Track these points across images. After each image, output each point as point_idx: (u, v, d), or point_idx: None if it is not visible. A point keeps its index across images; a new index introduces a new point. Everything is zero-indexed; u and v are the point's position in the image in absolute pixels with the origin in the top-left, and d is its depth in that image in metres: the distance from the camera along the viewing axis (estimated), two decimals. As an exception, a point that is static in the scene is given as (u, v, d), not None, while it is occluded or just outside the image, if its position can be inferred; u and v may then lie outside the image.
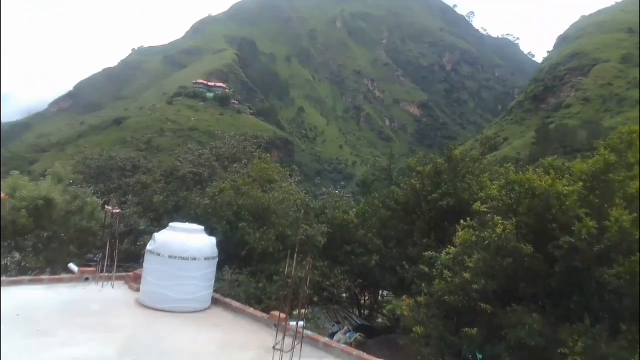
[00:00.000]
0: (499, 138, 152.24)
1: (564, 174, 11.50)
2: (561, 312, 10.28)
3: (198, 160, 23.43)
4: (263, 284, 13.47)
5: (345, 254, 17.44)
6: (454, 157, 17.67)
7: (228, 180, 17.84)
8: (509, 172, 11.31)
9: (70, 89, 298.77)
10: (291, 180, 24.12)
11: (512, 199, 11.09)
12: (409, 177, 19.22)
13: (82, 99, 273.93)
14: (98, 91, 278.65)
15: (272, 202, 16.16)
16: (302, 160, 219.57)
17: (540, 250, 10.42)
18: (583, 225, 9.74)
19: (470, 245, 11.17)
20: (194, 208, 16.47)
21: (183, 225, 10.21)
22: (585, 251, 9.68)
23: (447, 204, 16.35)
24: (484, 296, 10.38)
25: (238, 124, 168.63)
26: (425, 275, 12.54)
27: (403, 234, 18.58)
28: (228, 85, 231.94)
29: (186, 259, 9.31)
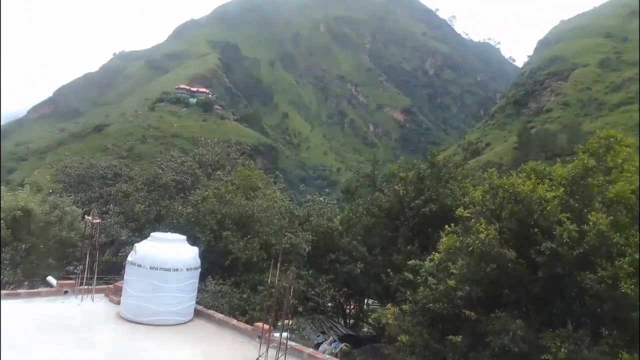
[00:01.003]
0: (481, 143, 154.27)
1: (544, 179, 11.62)
2: (544, 317, 10.37)
3: (181, 167, 23.18)
4: (247, 294, 13.32)
5: (330, 263, 17.37)
6: (437, 163, 17.78)
7: (211, 188, 17.66)
8: (493, 177, 11.38)
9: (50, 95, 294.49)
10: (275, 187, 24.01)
11: (496, 204, 11.18)
12: (393, 183, 19.29)
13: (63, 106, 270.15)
14: (79, 97, 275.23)
15: (256, 210, 16.04)
16: (286, 166, 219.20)
17: (523, 256, 10.50)
18: (564, 230, 9.85)
19: (454, 251, 11.21)
20: (177, 217, 16.25)
21: (165, 235, 10.03)
22: (566, 256, 9.79)
23: (430, 210, 16.42)
24: (469, 303, 10.41)
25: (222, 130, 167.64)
26: (410, 282, 12.54)
27: (387, 241, 18.61)
28: (211, 91, 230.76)
29: (168, 270, 9.15)
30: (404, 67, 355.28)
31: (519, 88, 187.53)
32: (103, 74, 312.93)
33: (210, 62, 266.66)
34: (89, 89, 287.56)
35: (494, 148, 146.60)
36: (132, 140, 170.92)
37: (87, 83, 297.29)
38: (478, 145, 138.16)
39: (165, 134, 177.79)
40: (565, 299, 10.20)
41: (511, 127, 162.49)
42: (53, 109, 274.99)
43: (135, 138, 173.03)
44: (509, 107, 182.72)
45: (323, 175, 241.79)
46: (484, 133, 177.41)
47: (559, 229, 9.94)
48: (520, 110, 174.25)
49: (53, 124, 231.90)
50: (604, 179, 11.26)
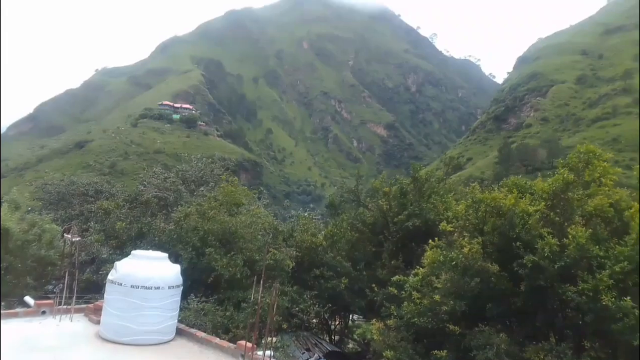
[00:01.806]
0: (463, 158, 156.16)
1: (526, 193, 11.80)
2: (527, 330, 10.43)
3: (163, 184, 22.98)
4: (231, 312, 13.13)
5: (314, 278, 17.26)
6: (419, 178, 17.91)
7: (194, 204, 17.52)
8: (475, 191, 11.51)
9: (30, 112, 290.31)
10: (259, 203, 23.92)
11: (478, 218, 11.29)
12: (376, 198, 19.37)
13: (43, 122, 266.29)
14: (60, 114, 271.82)
15: (240, 226, 15.92)
16: (271, 182, 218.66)
17: (506, 269, 10.59)
18: (546, 243, 9.98)
19: (438, 265, 11.25)
20: (159, 234, 16.04)
21: (146, 253, 9.89)
22: (548, 269, 9.89)
23: (413, 224, 16.49)
24: (453, 317, 10.43)
25: (205, 147, 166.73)
26: (395, 297, 12.53)
27: (372, 255, 18.60)
28: (195, 107, 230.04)
29: (149, 288, 9.00)
30: (386, 84, 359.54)
31: (499, 104, 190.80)
32: (85, 90, 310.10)
33: (193, 78, 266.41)
34: (71, 105, 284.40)
35: (476, 163, 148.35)
36: (114, 156, 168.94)
37: (68, 99, 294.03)
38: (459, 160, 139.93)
39: (148, 150, 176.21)
40: (548, 311, 10.28)
41: (492, 142, 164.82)
42: (33, 125, 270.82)
43: (118, 154, 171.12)
44: (489, 123, 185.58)
45: (307, 190, 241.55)
46: (465, 148, 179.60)
47: (540, 243, 10.07)
48: (501, 125, 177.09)
49: (33, 141, 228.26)
50: (582, 192, 11.47)
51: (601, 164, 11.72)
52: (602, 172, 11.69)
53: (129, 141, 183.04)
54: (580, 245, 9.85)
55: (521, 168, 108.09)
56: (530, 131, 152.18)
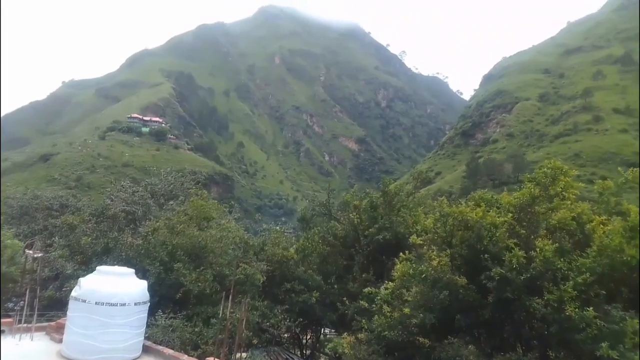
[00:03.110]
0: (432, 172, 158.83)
1: (492, 207, 12.07)
2: (495, 342, 10.58)
3: (132, 198, 22.52)
4: (200, 328, 12.86)
5: (285, 292, 17.12)
6: (389, 192, 18.11)
7: (163, 219, 17.21)
8: (443, 205, 11.71)
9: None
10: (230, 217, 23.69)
11: (446, 231, 11.48)
12: (347, 212, 19.46)
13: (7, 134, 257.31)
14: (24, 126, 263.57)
15: (210, 241, 15.71)
16: (242, 196, 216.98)
17: (474, 282, 10.77)
18: (513, 256, 10.20)
19: (408, 278, 11.35)
20: (126, 249, 15.65)
21: (111, 269, 9.64)
22: (515, 281, 10.11)
23: (384, 238, 16.61)
24: (423, 330, 10.51)
25: (175, 160, 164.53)
26: (366, 311, 12.54)
27: (343, 269, 18.62)
28: (165, 120, 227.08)
29: (114, 305, 8.76)
30: (357, 99, 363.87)
31: (466, 120, 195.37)
32: (51, 101, 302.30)
33: (164, 91, 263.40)
34: (36, 117, 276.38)
35: (444, 177, 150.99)
36: (80, 170, 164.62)
37: (33, 111, 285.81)
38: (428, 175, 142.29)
39: (116, 164, 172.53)
40: (515, 322, 10.47)
41: (460, 156, 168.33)
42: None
43: (84, 168, 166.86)
44: (457, 138, 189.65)
45: (279, 204, 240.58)
46: (434, 162, 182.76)
47: (508, 255, 10.29)
48: (468, 140, 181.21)
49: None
50: (547, 206, 11.81)
51: (565, 179, 12.11)
52: (565, 186, 12.09)
53: (97, 154, 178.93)
54: (547, 257, 10.11)
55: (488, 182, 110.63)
56: (496, 146, 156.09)
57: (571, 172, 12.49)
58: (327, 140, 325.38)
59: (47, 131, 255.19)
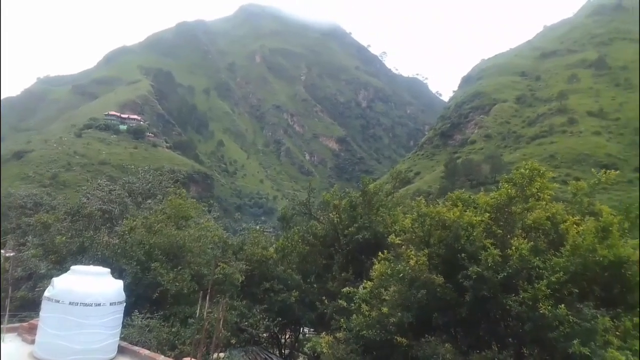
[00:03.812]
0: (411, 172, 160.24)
1: (469, 207, 12.24)
2: (471, 340, 10.73)
3: (108, 196, 22.19)
4: (177, 328, 12.73)
5: (264, 292, 17.06)
6: (368, 191, 18.20)
7: (140, 217, 16.98)
8: (420, 205, 11.83)
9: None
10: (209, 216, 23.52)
11: (424, 231, 11.59)
12: (327, 211, 19.49)
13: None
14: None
15: (188, 240, 15.57)
16: (222, 195, 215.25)
17: (451, 280, 10.90)
18: (489, 254, 10.36)
19: (386, 278, 11.42)
20: (102, 249, 15.39)
21: (86, 269, 9.44)
22: (491, 279, 10.27)
23: (363, 237, 16.69)
24: (401, 329, 10.59)
25: (153, 158, 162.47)
26: (344, 310, 12.58)
27: (322, 268, 18.64)
28: (143, 118, 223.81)
29: (89, 305, 8.58)
30: (338, 99, 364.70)
31: (445, 121, 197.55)
32: (25, 98, 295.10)
33: (142, 88, 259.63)
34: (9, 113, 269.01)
35: (424, 177, 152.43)
36: (55, 167, 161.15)
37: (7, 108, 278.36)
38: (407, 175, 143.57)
39: (92, 162, 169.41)
40: (491, 321, 10.63)
41: (439, 157, 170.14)
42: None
43: (60, 165, 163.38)
44: (436, 139, 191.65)
45: (259, 203, 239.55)
46: (414, 163, 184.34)
47: (484, 254, 10.45)
48: (447, 141, 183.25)
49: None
50: (523, 206, 12.03)
51: (541, 180, 12.35)
52: (541, 187, 12.33)
53: (72, 152, 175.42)
54: (522, 256, 10.30)
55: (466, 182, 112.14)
56: (474, 147, 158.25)
57: (548, 173, 12.74)
58: (307, 140, 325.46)
59: (21, 128, 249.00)
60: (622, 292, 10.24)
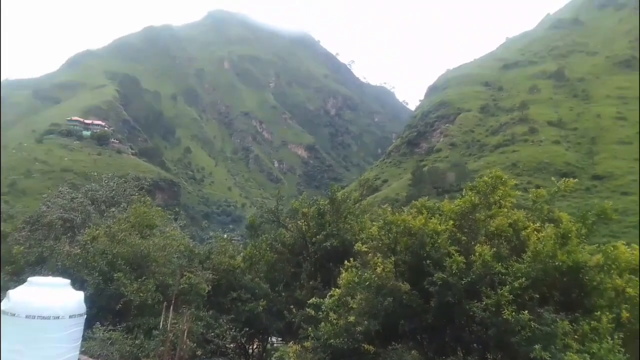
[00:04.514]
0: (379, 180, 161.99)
1: (434, 214, 12.46)
2: (437, 346, 10.88)
3: (70, 204, 21.51)
4: (141, 340, 12.41)
5: (231, 301, 16.85)
6: (336, 199, 18.28)
7: (103, 226, 16.54)
8: (387, 213, 11.96)
9: None
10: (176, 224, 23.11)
11: (390, 238, 11.71)
12: (296, 219, 19.47)
13: None
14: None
15: (152, 249, 15.25)
16: (189, 202, 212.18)
17: (417, 287, 11.04)
18: (453, 261, 10.56)
19: (353, 286, 11.47)
20: (62, 259, 14.90)
21: (44, 280, 9.10)
22: (456, 285, 10.46)
23: (331, 245, 16.74)
24: (368, 337, 10.64)
25: (118, 165, 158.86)
26: (313, 318, 12.55)
27: (291, 276, 18.57)
28: (108, 124, 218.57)
29: (47, 318, 8.25)
30: (307, 107, 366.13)
31: (412, 129, 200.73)
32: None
33: (107, 93, 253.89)
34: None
35: (391, 184, 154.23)
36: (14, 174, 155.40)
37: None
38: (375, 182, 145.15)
39: (54, 169, 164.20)
40: (456, 326, 10.81)
41: (406, 165, 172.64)
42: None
43: (19, 172, 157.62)
44: (403, 147, 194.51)
45: (227, 211, 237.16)
46: (381, 170, 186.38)
47: (449, 261, 10.64)
48: (414, 149, 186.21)
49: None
50: (486, 213, 12.32)
51: (503, 188, 12.69)
52: (503, 195, 12.67)
53: (33, 158, 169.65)
54: (485, 262, 10.53)
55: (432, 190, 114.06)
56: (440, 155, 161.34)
57: (510, 181, 13.10)
58: (276, 147, 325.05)
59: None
60: (580, 296, 10.60)
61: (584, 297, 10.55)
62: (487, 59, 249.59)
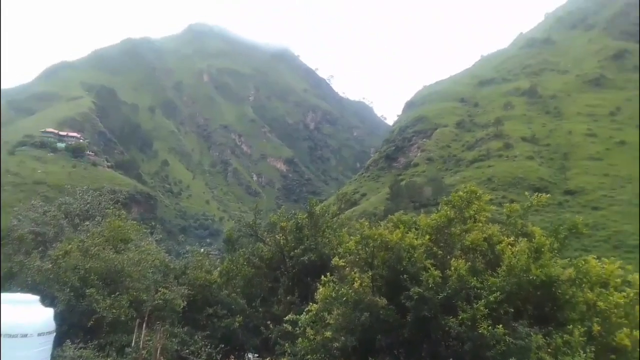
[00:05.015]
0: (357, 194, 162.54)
1: (411, 228, 12.57)
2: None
3: (42, 218, 20.94)
4: (113, 357, 12.10)
5: (207, 317, 16.58)
6: (314, 213, 18.29)
7: (75, 240, 16.15)
8: (364, 227, 12.01)
9: None
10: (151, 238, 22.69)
11: (367, 253, 11.75)
12: (274, 233, 19.38)
13: None
14: None
15: (127, 264, 14.94)
16: (165, 216, 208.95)
17: (394, 302, 11.08)
18: (429, 275, 10.64)
19: (330, 301, 11.44)
20: (32, 274, 14.47)
21: (12, 296, 8.85)
22: (432, 300, 10.53)
23: (309, 259, 16.69)
24: (345, 352, 10.60)
25: (93, 178, 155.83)
26: (289, 334, 12.45)
27: (268, 291, 18.42)
28: (83, 136, 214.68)
29: (15, 336, 8.01)
30: (286, 120, 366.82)
31: (390, 144, 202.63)
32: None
33: (83, 105, 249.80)
34: None
35: (369, 198, 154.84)
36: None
37: None
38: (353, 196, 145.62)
39: (26, 181, 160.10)
40: (432, 341, 10.85)
41: (384, 179, 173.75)
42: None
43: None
44: (381, 161, 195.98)
45: (205, 224, 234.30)
46: (360, 184, 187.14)
47: (425, 275, 10.72)
48: (392, 164, 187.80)
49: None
50: (461, 228, 12.49)
51: (478, 203, 12.90)
52: (478, 209, 12.87)
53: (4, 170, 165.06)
54: (461, 276, 10.64)
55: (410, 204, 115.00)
56: (417, 170, 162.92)
57: (485, 196, 13.33)
58: (255, 161, 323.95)
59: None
60: (553, 310, 10.78)
61: (556, 311, 10.73)
62: (463, 76, 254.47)
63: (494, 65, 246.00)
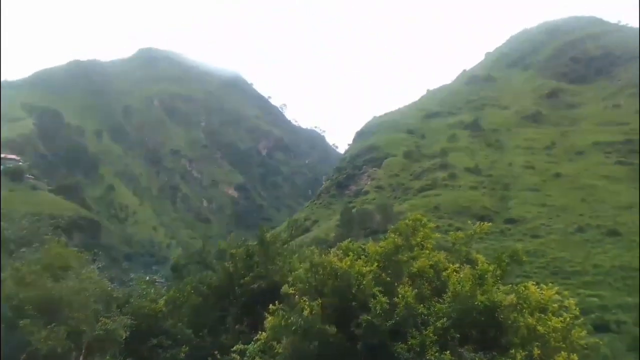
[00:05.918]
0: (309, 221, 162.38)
1: (360, 256, 12.74)
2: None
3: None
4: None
5: (151, 349, 15.93)
6: (265, 240, 18.19)
7: (9, 269, 15.23)
8: (314, 254, 12.07)
9: None
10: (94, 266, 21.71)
11: (317, 280, 11.78)
12: (224, 260, 19.07)
13: None
14: None
15: (66, 293, 14.21)
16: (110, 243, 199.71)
17: (344, 330, 11.10)
18: (377, 302, 10.79)
19: (279, 330, 11.32)
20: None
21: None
22: (381, 327, 10.64)
23: (259, 286, 16.51)
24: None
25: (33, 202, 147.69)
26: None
27: (216, 320, 18.00)
28: (23, 158, 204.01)
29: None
30: (239, 146, 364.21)
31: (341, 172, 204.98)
32: None
33: (24, 127, 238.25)
34: None
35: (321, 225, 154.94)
36: None
37: None
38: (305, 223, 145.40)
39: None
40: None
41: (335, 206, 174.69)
42: None
43: None
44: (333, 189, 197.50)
45: (151, 251, 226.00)
46: (312, 211, 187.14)
47: (373, 302, 10.85)
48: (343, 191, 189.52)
49: None
50: (409, 255, 12.79)
51: (424, 230, 13.28)
52: (424, 236, 13.25)
53: None
54: (408, 303, 10.84)
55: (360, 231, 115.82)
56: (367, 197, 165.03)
57: (430, 224, 13.75)
58: (206, 186, 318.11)
59: None
60: (496, 335, 11.14)
61: (500, 336, 11.09)
62: (411, 108, 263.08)
63: (439, 99, 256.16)
